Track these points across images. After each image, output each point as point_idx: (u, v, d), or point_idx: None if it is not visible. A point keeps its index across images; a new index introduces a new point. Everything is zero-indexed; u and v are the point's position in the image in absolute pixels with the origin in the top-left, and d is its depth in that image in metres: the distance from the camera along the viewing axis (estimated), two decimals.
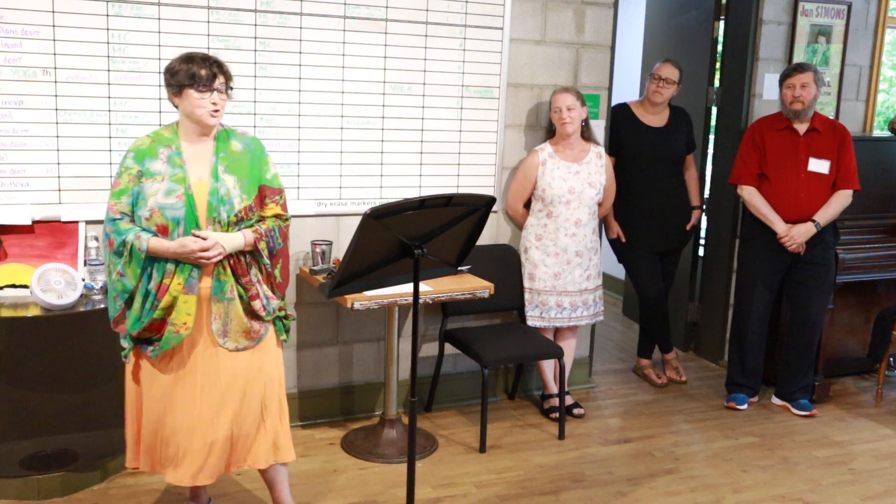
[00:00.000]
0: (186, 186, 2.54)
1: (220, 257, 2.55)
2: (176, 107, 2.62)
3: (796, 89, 3.99)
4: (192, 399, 2.63)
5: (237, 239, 2.59)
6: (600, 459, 3.67)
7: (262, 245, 2.64)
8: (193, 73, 2.53)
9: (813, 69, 4.02)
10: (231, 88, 2.64)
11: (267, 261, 2.68)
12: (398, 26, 3.73)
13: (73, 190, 3.28)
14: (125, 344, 2.64)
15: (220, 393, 2.64)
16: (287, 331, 2.81)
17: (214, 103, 2.56)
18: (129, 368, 2.69)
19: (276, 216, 2.71)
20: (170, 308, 2.55)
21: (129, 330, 2.59)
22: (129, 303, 2.58)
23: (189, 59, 2.56)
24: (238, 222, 2.61)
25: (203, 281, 2.59)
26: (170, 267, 2.54)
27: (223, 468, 2.70)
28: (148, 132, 2.68)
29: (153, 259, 2.53)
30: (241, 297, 2.63)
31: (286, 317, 2.80)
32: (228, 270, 2.60)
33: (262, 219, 2.68)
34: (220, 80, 2.58)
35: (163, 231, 2.53)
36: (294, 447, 3.60)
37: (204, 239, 2.52)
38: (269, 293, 2.71)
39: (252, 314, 2.66)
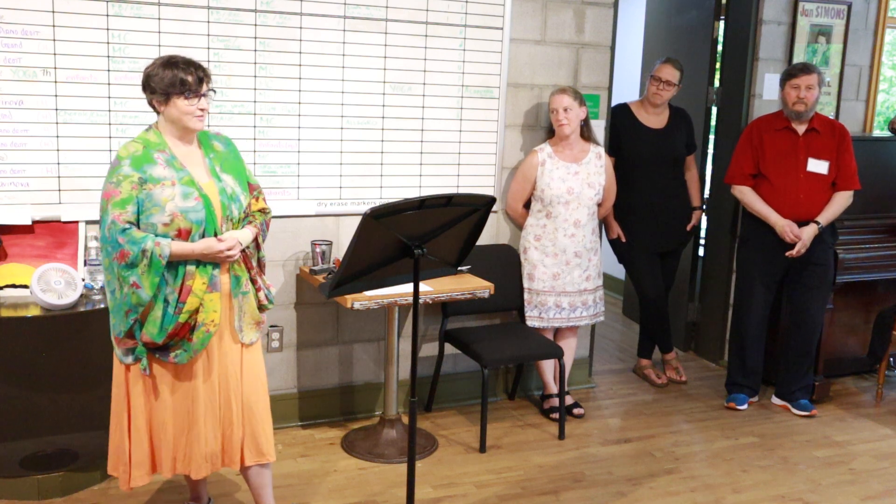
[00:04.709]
0: (198, 188, 2.54)
1: (239, 253, 2.62)
2: (156, 111, 2.60)
3: (801, 90, 3.97)
4: (214, 396, 2.67)
5: (248, 234, 2.67)
6: (600, 459, 3.67)
7: (260, 239, 2.74)
8: (182, 80, 2.49)
9: (818, 71, 4.01)
10: (212, 90, 2.63)
11: (263, 253, 2.77)
12: (398, 26, 3.73)
13: (73, 190, 3.28)
14: (140, 356, 2.55)
15: (232, 386, 2.69)
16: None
17: (203, 109, 2.56)
18: (131, 381, 2.61)
19: (262, 210, 2.78)
20: (195, 310, 2.54)
21: (156, 339, 2.51)
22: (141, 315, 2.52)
23: (172, 63, 2.51)
24: (244, 218, 2.68)
25: (222, 277, 2.63)
26: (190, 268, 2.53)
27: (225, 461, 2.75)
28: (131, 138, 2.65)
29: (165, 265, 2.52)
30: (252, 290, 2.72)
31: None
32: (243, 265, 2.67)
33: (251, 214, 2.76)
34: (206, 84, 2.57)
35: (185, 234, 2.51)
36: (294, 447, 3.65)
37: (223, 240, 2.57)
38: (268, 283, 2.80)
39: (258, 305, 2.74)
